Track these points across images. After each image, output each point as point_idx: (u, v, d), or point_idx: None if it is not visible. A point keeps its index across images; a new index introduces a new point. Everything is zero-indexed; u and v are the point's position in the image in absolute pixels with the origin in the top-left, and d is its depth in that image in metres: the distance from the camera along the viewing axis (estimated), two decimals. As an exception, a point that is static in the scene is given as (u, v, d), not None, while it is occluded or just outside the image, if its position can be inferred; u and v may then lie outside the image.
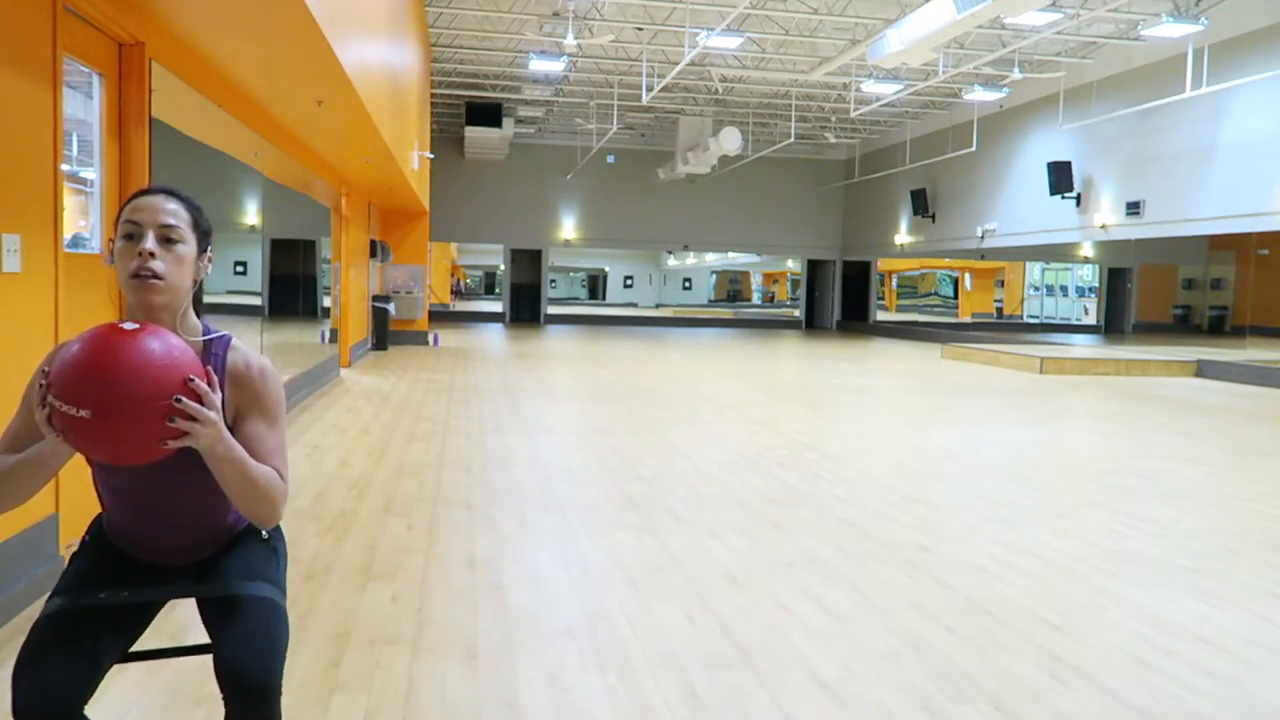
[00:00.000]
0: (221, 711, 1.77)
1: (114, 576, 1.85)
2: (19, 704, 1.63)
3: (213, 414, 1.57)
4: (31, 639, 1.71)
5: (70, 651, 1.69)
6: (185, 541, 1.88)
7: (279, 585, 1.90)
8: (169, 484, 1.78)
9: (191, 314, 1.82)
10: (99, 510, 1.96)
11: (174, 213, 1.75)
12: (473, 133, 20.99)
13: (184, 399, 1.53)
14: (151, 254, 1.69)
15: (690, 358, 16.62)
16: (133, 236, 1.70)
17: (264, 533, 1.97)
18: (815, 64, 17.08)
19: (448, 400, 9.66)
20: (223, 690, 1.72)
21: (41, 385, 1.51)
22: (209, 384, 1.58)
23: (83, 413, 1.48)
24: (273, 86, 6.52)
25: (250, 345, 6.89)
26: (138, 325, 1.57)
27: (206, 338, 1.81)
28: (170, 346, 1.57)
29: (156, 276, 1.70)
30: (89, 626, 1.75)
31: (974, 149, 19.95)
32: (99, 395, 1.48)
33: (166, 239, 1.72)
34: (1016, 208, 20.09)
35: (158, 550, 1.89)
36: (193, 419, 1.54)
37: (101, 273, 4.44)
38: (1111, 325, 27.28)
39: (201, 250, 1.81)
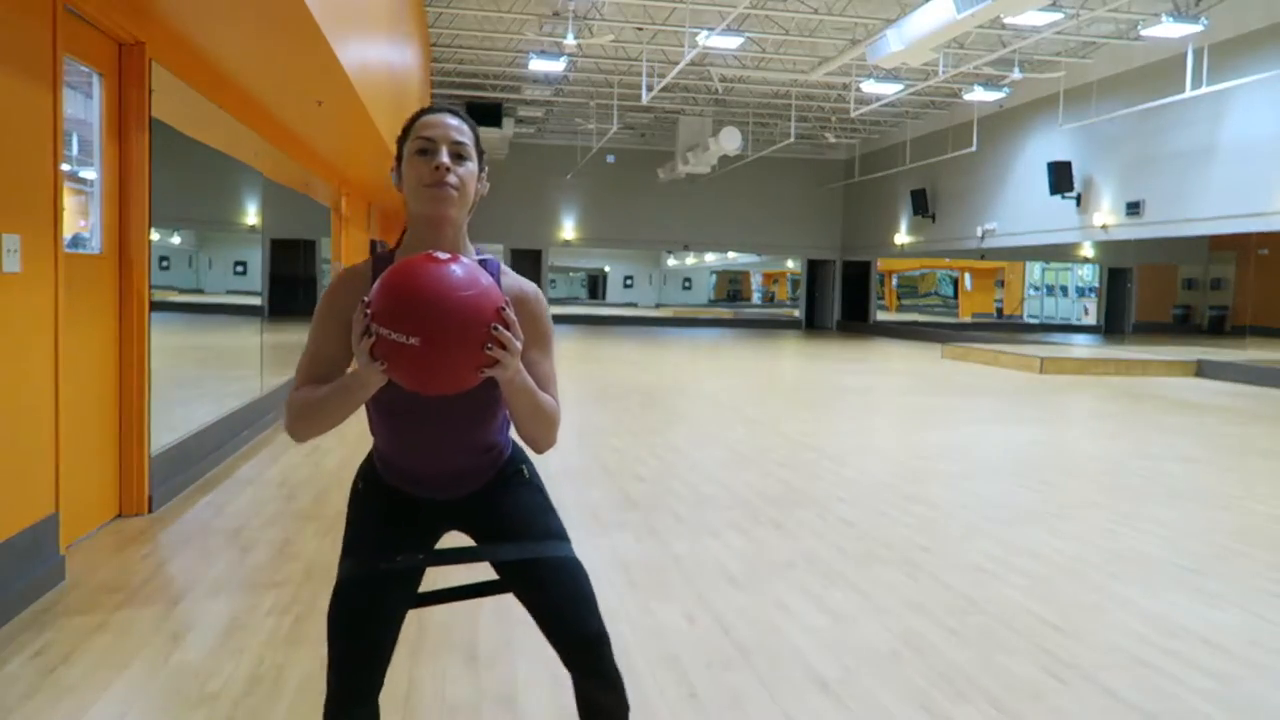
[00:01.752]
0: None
1: (396, 525, 1.90)
2: (338, 666, 1.75)
3: (519, 342, 1.59)
4: (337, 605, 1.80)
5: (374, 614, 1.79)
6: (456, 468, 1.91)
7: (568, 538, 1.94)
8: (448, 410, 1.80)
9: (466, 236, 1.86)
10: (366, 450, 2.00)
11: (463, 130, 1.80)
12: (473, 133, 20.97)
13: (499, 327, 1.55)
14: (447, 167, 1.74)
15: (690, 358, 16.63)
16: (426, 151, 1.76)
17: (525, 471, 1.99)
18: (815, 64, 17.08)
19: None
20: (561, 648, 1.81)
21: (365, 315, 1.52)
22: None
23: (412, 340, 1.49)
24: (273, 86, 6.52)
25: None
26: (449, 256, 1.59)
27: (479, 258, 1.84)
28: (481, 274, 1.58)
29: (452, 187, 1.75)
30: (384, 586, 1.82)
31: (974, 149, 19.95)
32: (428, 322, 1.50)
33: (457, 154, 1.77)
34: (1016, 208, 20.08)
35: (431, 482, 1.91)
36: (503, 347, 1.56)
37: (102, 273, 4.45)
38: (1111, 325, 27.29)
39: (480, 169, 1.83)
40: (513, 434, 1.96)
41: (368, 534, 1.90)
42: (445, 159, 1.75)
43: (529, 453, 1.96)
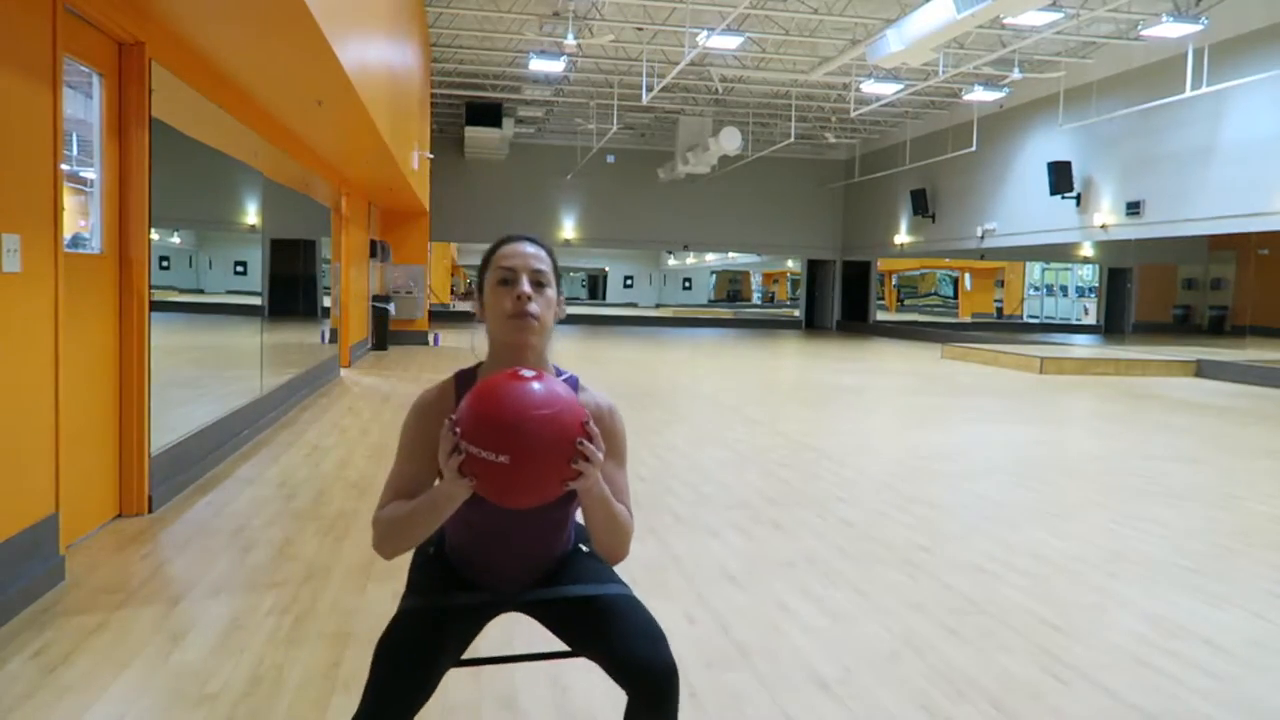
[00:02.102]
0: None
1: (460, 585, 1.95)
2: (375, 693, 1.74)
3: (601, 455, 1.63)
4: (390, 634, 1.81)
5: (425, 650, 1.80)
6: (526, 569, 1.96)
7: (623, 583, 1.97)
8: (526, 519, 1.85)
9: (548, 357, 1.92)
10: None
11: (542, 258, 1.86)
12: (473, 133, 20.98)
13: (584, 441, 1.59)
14: (529, 296, 1.81)
15: (690, 358, 16.63)
16: (507, 281, 1.82)
17: (584, 547, 2.04)
18: (815, 64, 17.07)
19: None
20: (631, 685, 1.78)
21: (454, 434, 1.57)
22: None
23: (501, 458, 1.54)
24: (273, 86, 6.52)
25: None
26: (535, 373, 1.63)
27: (562, 378, 1.90)
28: (563, 390, 1.64)
29: (533, 317, 1.81)
30: (441, 626, 1.85)
31: (974, 149, 19.95)
32: (516, 441, 1.54)
33: (537, 282, 1.84)
34: (1016, 208, 20.08)
35: (498, 576, 1.95)
36: (587, 460, 1.60)
37: (102, 273, 4.44)
38: (1111, 325, 27.28)
39: (558, 293, 1.90)
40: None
41: (433, 578, 1.94)
42: (526, 288, 1.81)
43: None
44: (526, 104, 22.11)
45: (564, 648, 1.96)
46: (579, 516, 1.91)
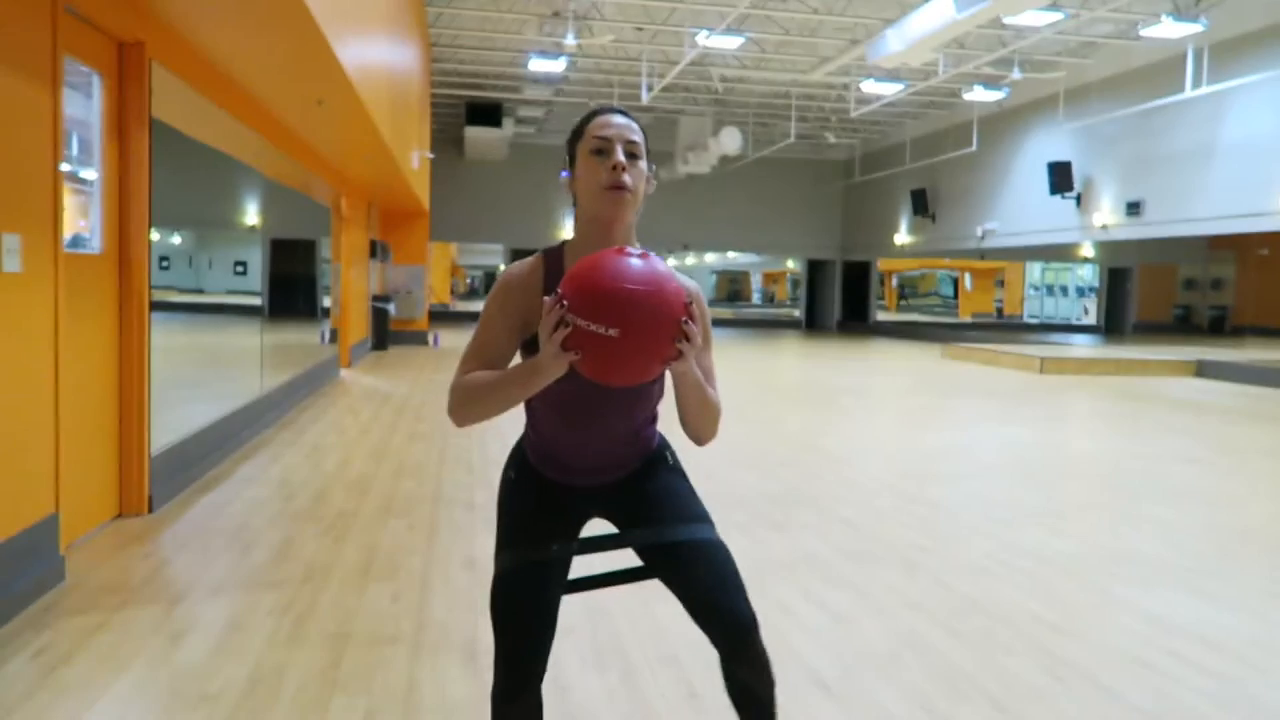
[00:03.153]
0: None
1: (548, 513, 1.95)
2: (507, 656, 1.81)
3: (699, 335, 1.62)
4: (501, 596, 1.84)
5: (537, 604, 1.83)
6: (612, 456, 1.97)
7: (712, 521, 1.99)
8: (612, 400, 1.86)
9: (634, 233, 1.89)
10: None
11: (635, 129, 1.84)
12: (473, 133, 20.97)
13: (687, 321, 1.58)
14: (624, 166, 1.79)
15: (690, 358, 16.59)
16: (602, 151, 1.80)
17: (669, 458, 2.07)
18: (815, 64, 17.07)
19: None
20: (711, 631, 1.84)
21: (561, 307, 1.55)
22: None
23: (611, 331, 1.53)
24: (273, 86, 6.52)
25: (246, 339, 6.80)
26: (640, 251, 1.63)
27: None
28: (667, 271, 1.62)
29: (628, 189, 1.79)
30: (543, 576, 1.87)
31: (974, 149, 19.95)
32: (628, 315, 1.53)
33: (631, 154, 1.81)
34: (1016, 208, 20.08)
35: (585, 469, 1.96)
36: (688, 340, 1.59)
37: (102, 273, 4.44)
38: (1111, 325, 27.29)
39: (649, 168, 1.88)
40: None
41: (523, 525, 1.94)
42: (621, 158, 1.79)
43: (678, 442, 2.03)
44: (526, 104, 22.10)
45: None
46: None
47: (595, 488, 1.99)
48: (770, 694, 1.88)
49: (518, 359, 1.81)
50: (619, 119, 1.83)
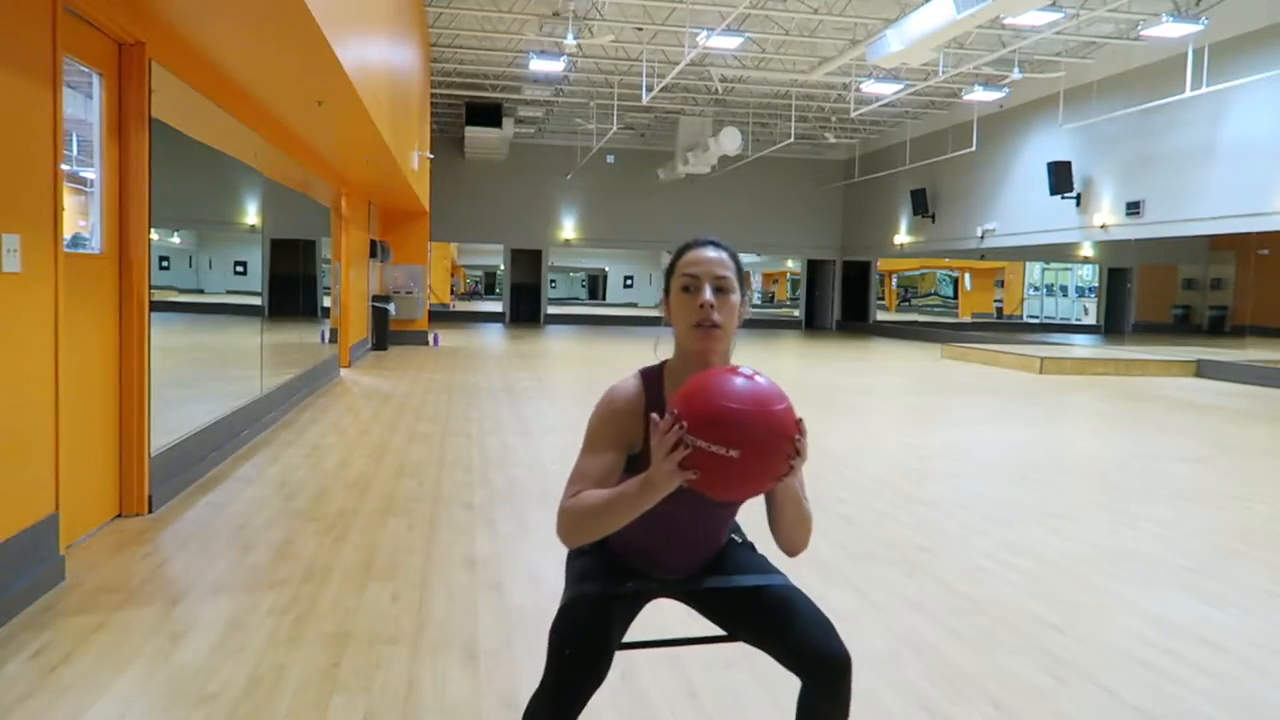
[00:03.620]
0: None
1: (622, 577, 2.01)
2: (557, 679, 1.83)
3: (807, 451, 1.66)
4: (566, 621, 1.89)
5: (599, 634, 1.87)
6: (691, 560, 2.04)
7: (783, 573, 2.04)
8: (709, 510, 1.92)
9: (731, 358, 1.94)
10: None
11: (725, 264, 1.88)
12: (473, 133, 20.98)
13: (799, 438, 1.63)
14: (712, 305, 1.83)
15: (690, 358, 16.59)
16: (690, 289, 1.85)
17: (738, 538, 2.14)
18: (815, 64, 17.07)
19: (448, 400, 9.66)
20: (808, 673, 1.87)
21: (680, 428, 1.59)
22: None
23: (732, 453, 1.57)
24: (273, 86, 6.52)
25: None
26: (752, 370, 1.67)
27: None
28: (778, 388, 1.66)
29: (716, 325, 1.84)
30: (611, 611, 1.93)
31: (974, 149, 19.94)
32: (750, 436, 1.58)
33: (720, 289, 1.86)
34: (1016, 208, 20.08)
35: (662, 564, 2.02)
36: (798, 455, 1.63)
37: (102, 273, 4.45)
38: (1111, 325, 27.26)
39: (742, 296, 1.92)
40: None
41: (599, 567, 2.00)
42: (709, 296, 1.83)
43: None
44: (526, 104, 22.11)
45: (718, 631, 2.05)
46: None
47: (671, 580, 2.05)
48: None
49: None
50: (709, 253, 1.87)
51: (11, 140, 3.34)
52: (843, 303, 28.72)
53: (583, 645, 1.84)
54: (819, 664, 1.84)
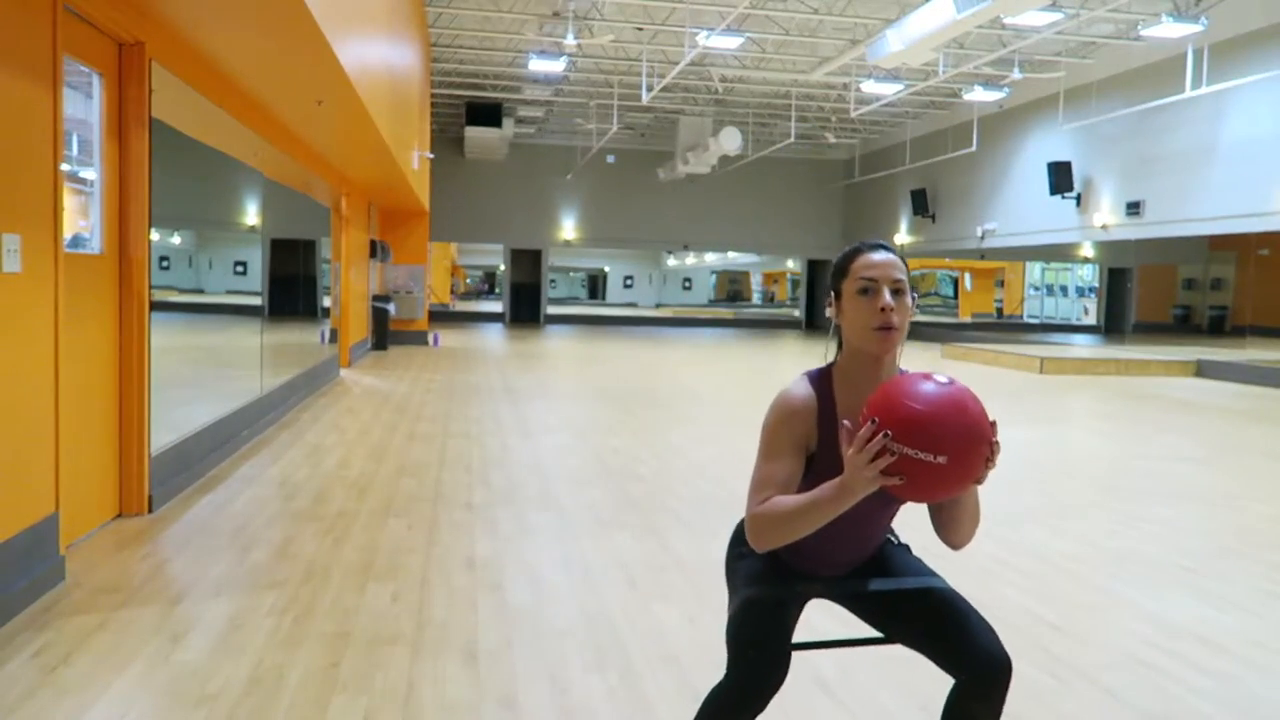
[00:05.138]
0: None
1: (789, 578, 2.04)
2: (744, 680, 1.89)
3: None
4: (746, 624, 1.94)
5: (779, 635, 1.93)
6: (856, 556, 2.07)
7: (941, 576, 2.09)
8: (876, 510, 1.95)
9: (899, 359, 1.98)
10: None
11: (899, 267, 1.90)
12: (473, 133, 20.98)
13: (996, 440, 1.68)
14: (892, 308, 1.85)
15: (690, 358, 16.62)
16: (867, 291, 1.87)
17: (893, 539, 2.19)
18: (815, 64, 17.07)
19: (448, 400, 9.66)
20: (970, 674, 1.92)
21: (884, 436, 1.61)
22: None
23: (939, 459, 1.60)
24: (273, 86, 6.52)
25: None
26: (948, 378, 1.69)
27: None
28: (971, 391, 1.69)
29: (894, 327, 1.86)
30: (785, 613, 1.98)
31: (974, 149, 19.94)
32: (959, 442, 1.62)
33: (896, 291, 1.87)
34: (1016, 208, 20.08)
35: (828, 563, 2.05)
36: (994, 456, 1.68)
37: (102, 273, 4.44)
38: (1111, 325, 27.26)
39: (911, 297, 1.95)
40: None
41: (764, 571, 2.02)
42: (888, 299, 1.85)
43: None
44: (526, 104, 22.10)
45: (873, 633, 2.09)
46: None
47: (830, 579, 2.08)
48: None
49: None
50: (882, 256, 1.89)
51: (11, 140, 3.34)
52: (843, 303, 28.66)
53: (766, 647, 1.89)
54: (984, 666, 1.89)
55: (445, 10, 14.94)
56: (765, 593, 1.97)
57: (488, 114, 20.67)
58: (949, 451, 1.60)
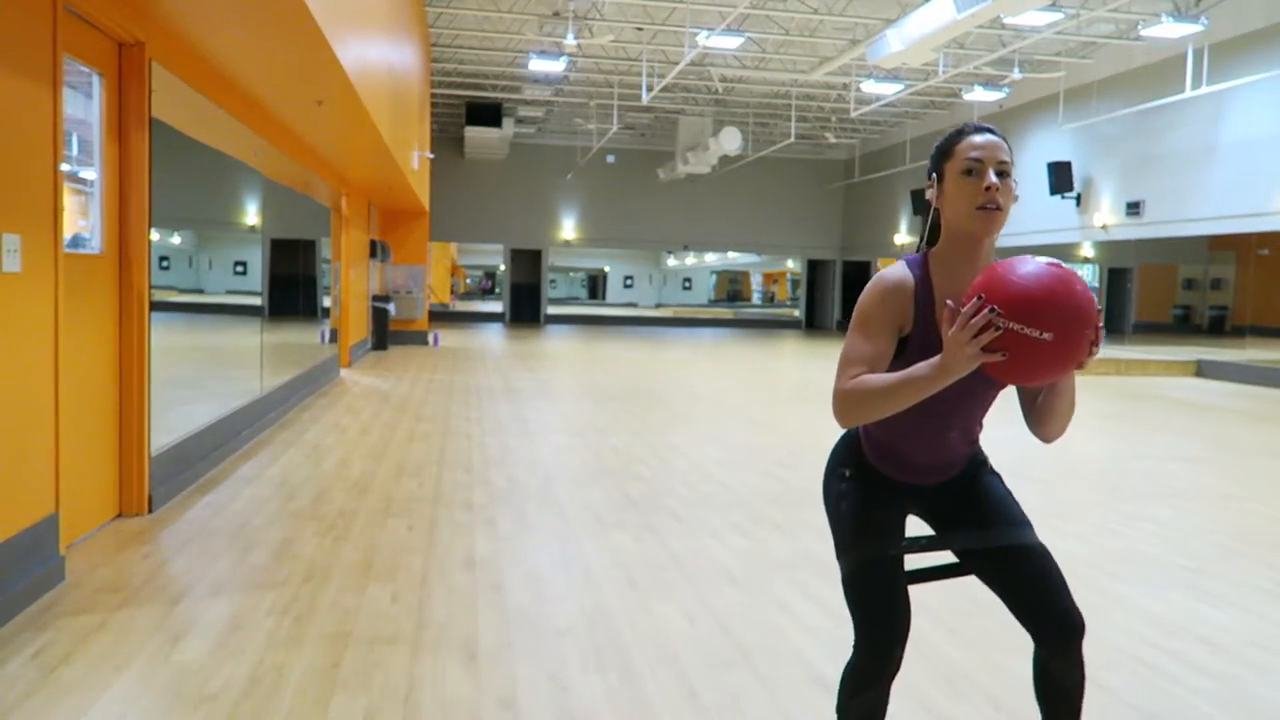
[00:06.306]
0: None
1: (885, 508, 2.08)
2: (874, 641, 1.95)
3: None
4: (867, 588, 1.99)
5: (898, 593, 1.99)
6: (952, 455, 2.07)
7: (1032, 525, 2.10)
8: (972, 398, 1.99)
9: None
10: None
11: (1004, 148, 1.90)
12: (473, 133, 20.98)
13: (1101, 325, 1.68)
14: (997, 188, 1.84)
15: (690, 358, 16.62)
16: (973, 172, 1.86)
17: (989, 462, 2.19)
18: (815, 64, 17.07)
19: (448, 400, 9.66)
20: (1042, 630, 1.96)
21: (991, 310, 1.61)
22: None
23: (1045, 335, 1.60)
24: (272, 86, 6.52)
25: (249, 344, 6.77)
26: (1055, 260, 1.68)
27: None
28: (1081, 278, 1.68)
29: (999, 208, 1.85)
30: (897, 567, 2.01)
31: (974, 149, 19.91)
32: (1066, 320, 1.61)
33: (1002, 173, 1.87)
34: (1016, 207, 19.76)
35: (924, 465, 2.06)
36: (1098, 341, 1.67)
37: (102, 273, 4.45)
38: (1111, 325, 27.23)
39: (1014, 182, 1.95)
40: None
41: (864, 526, 2.05)
42: (994, 179, 1.84)
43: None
44: (526, 104, 22.11)
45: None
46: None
47: (923, 486, 2.09)
48: (1080, 692, 1.99)
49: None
50: (988, 138, 1.89)
51: (11, 140, 3.34)
52: (843, 303, 28.69)
53: (883, 609, 1.95)
54: (1053, 623, 1.93)
55: (445, 10, 14.95)
56: (876, 552, 1.99)
57: (488, 114, 20.68)
58: (1055, 329, 1.59)
